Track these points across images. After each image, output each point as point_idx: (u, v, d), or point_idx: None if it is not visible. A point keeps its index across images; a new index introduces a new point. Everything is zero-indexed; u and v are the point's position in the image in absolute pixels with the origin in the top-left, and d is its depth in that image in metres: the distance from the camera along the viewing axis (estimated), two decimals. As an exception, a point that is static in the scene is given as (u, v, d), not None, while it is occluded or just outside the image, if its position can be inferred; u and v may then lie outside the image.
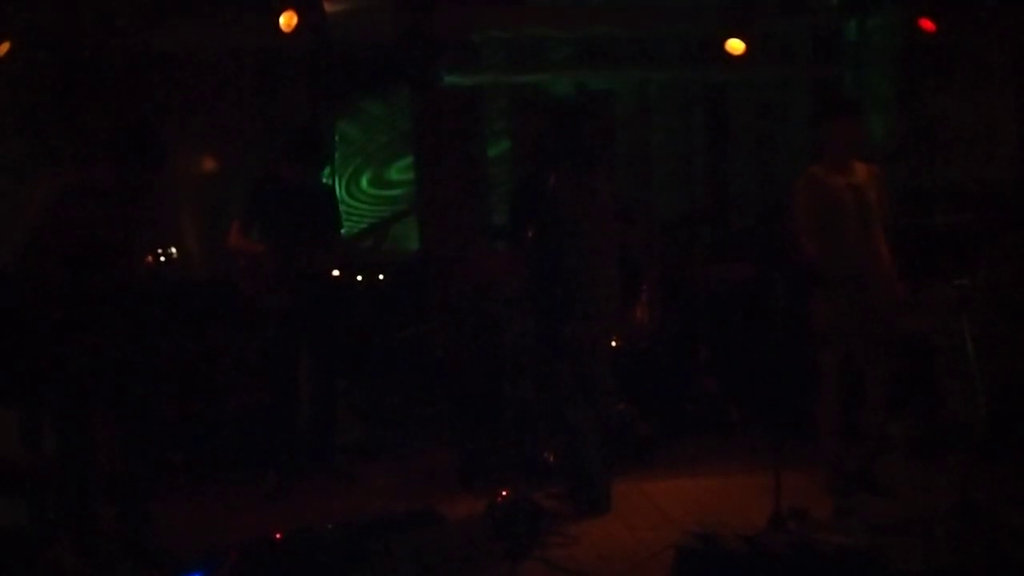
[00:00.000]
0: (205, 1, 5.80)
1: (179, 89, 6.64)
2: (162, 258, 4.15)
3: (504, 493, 4.49)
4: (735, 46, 6.26)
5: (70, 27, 5.88)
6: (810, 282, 4.43)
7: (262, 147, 6.43)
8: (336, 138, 6.82)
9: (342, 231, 5.47)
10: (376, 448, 5.94)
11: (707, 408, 5.98)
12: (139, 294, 4.04)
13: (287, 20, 5.52)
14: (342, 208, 5.90)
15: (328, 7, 5.50)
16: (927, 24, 5.83)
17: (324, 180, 5.51)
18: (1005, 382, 5.24)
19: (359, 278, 6.39)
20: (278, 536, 3.99)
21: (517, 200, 4.59)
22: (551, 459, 5.24)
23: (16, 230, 3.82)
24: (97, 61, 6.50)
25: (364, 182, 7.03)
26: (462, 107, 7.05)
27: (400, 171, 7.07)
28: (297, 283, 5.09)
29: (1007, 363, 5.27)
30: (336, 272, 5.79)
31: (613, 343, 5.61)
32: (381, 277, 6.47)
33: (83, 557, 3.90)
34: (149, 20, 5.91)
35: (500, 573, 3.91)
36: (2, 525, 4.22)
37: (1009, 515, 4.15)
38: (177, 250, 4.10)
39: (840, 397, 4.68)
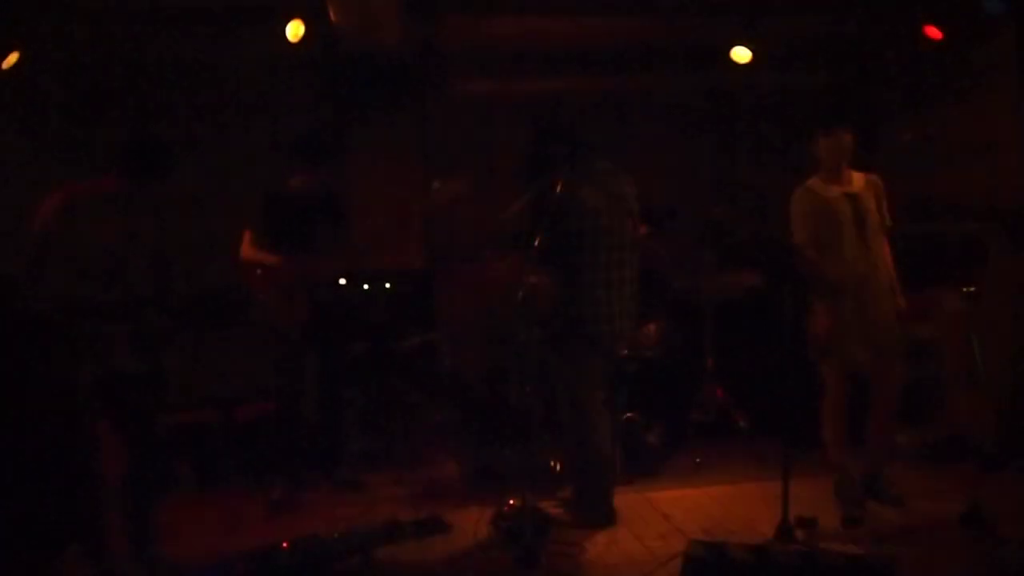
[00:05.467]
0: (213, 10, 5.82)
1: (187, 98, 6.67)
2: (169, 267, 4.16)
3: (511, 502, 4.49)
4: (740, 54, 6.26)
5: (78, 36, 5.90)
6: (811, 292, 4.44)
7: (271, 156, 6.45)
8: (345, 147, 6.84)
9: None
10: (382, 456, 5.95)
11: (714, 417, 5.97)
12: (145, 302, 4.04)
13: (294, 29, 5.53)
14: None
15: (335, 17, 5.51)
16: (933, 32, 5.83)
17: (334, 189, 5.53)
18: (1013, 391, 5.23)
19: (366, 287, 6.40)
20: (285, 545, 3.99)
21: (529, 209, 4.57)
22: (557, 468, 5.24)
23: (24, 238, 3.82)
24: (105, 70, 6.54)
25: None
26: (471, 116, 7.07)
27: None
28: (310, 292, 5.11)
29: (1015, 371, 5.26)
30: (343, 281, 5.80)
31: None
32: (388, 286, 6.48)
33: (90, 565, 3.91)
34: (157, 29, 5.93)
35: (507, 582, 3.91)
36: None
37: (1017, 525, 4.13)
38: (185, 259, 4.11)
39: (843, 406, 4.68)
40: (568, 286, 4.50)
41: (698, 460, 5.56)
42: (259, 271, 5.15)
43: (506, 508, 4.48)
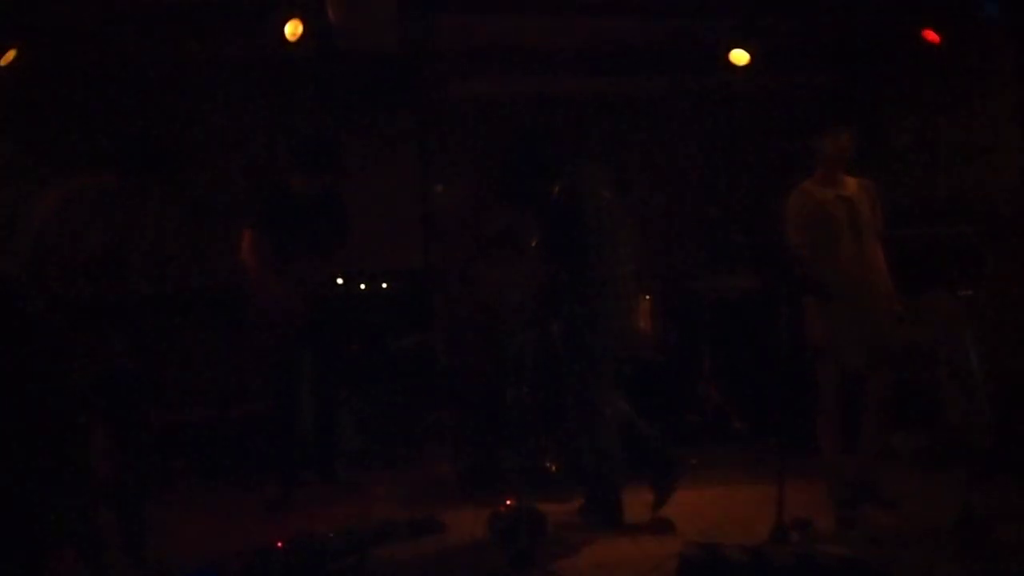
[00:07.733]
0: (211, 9, 5.82)
1: (185, 97, 6.67)
2: (165, 265, 4.16)
3: (507, 502, 4.48)
4: (739, 56, 6.26)
5: (76, 34, 5.90)
6: (806, 294, 4.44)
7: (270, 156, 6.46)
8: (342, 147, 6.83)
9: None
10: (378, 456, 5.95)
11: (710, 418, 5.97)
12: (141, 301, 4.04)
13: (292, 29, 5.54)
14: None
15: (333, 16, 5.51)
16: (931, 36, 5.84)
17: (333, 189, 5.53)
18: (1007, 393, 5.24)
19: (362, 287, 6.40)
20: (280, 544, 3.99)
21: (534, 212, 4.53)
22: (553, 468, 5.24)
23: (19, 235, 3.81)
24: (102, 68, 6.53)
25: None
26: (468, 116, 7.07)
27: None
28: (309, 292, 5.11)
29: (1010, 374, 5.27)
30: (340, 280, 5.80)
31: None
32: (384, 286, 6.48)
33: (83, 565, 3.90)
34: (155, 28, 5.93)
35: (502, 582, 3.91)
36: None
37: (1011, 527, 4.14)
38: (183, 258, 4.10)
39: (839, 409, 4.68)
40: (582, 284, 4.49)
41: (693, 462, 5.55)
42: (255, 271, 5.14)
43: (502, 509, 4.47)
